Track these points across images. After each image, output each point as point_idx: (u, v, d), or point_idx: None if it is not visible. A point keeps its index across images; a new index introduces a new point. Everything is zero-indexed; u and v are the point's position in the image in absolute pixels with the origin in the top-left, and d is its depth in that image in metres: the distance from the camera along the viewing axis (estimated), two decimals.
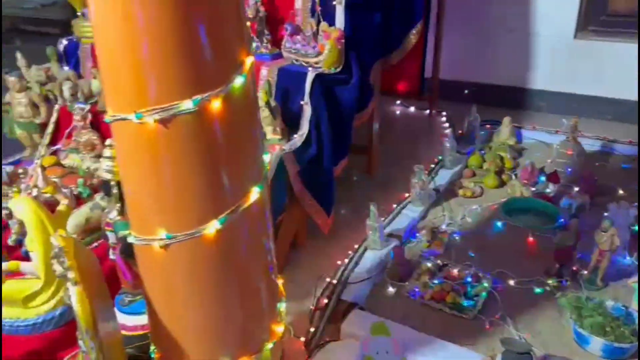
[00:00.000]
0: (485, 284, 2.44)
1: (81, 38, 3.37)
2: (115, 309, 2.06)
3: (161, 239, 1.46)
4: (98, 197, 2.39)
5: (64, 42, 3.46)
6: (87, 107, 2.99)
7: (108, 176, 1.77)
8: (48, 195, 2.48)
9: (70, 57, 3.45)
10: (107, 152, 1.78)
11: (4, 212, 2.30)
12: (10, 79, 3.00)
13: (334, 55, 2.64)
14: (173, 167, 1.40)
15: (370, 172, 3.59)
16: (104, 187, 1.80)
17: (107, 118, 1.41)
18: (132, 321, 1.95)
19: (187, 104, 1.32)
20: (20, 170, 2.84)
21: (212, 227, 1.46)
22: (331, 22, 2.72)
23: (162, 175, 1.41)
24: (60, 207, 1.97)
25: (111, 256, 2.03)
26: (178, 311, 1.60)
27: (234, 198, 1.49)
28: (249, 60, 1.43)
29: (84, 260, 1.50)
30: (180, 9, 1.26)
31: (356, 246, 2.75)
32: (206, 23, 1.31)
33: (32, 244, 1.84)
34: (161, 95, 1.31)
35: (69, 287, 1.43)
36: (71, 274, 1.42)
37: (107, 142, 1.77)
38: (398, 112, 4.63)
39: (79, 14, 3.39)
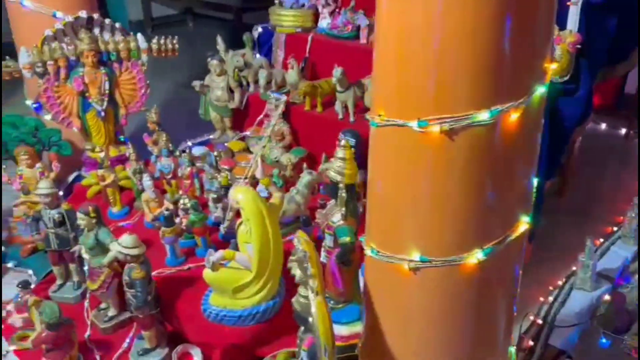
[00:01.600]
0: None
1: (276, 26, 3.38)
2: None
3: (412, 261, 1.30)
4: (294, 191, 2.33)
5: (259, 29, 3.50)
6: (283, 97, 2.97)
7: (337, 178, 1.66)
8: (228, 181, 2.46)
9: (263, 44, 3.48)
10: (340, 153, 1.67)
11: (211, 195, 2.30)
12: (213, 62, 3.08)
13: (564, 62, 2.32)
14: (446, 183, 1.22)
15: (562, 195, 3.19)
16: (330, 188, 1.70)
17: (374, 121, 1.27)
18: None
19: (484, 115, 1.12)
20: (215, 153, 2.89)
21: (474, 257, 1.26)
22: (561, 25, 2.39)
23: (429, 191, 1.24)
24: (273, 200, 1.92)
25: (323, 259, 1.94)
26: (408, 336, 1.44)
27: (503, 227, 1.28)
28: (552, 67, 1.20)
29: (319, 267, 1.39)
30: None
31: (560, 282, 2.41)
32: (516, 17, 1.10)
33: (248, 236, 1.80)
34: (453, 103, 1.14)
35: (309, 296, 1.33)
36: (314, 283, 1.31)
37: (342, 142, 1.66)
38: (586, 127, 4.11)
39: (276, 1, 3.39)
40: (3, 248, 2.76)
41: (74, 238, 2.32)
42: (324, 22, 3.27)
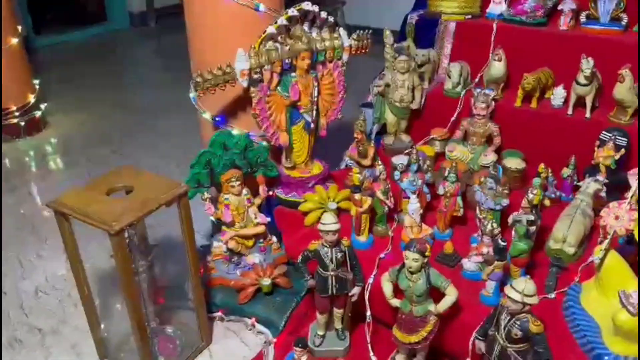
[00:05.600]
0: None
1: (441, 14, 3.03)
2: None
3: None
4: (572, 210, 2.03)
5: (415, 17, 3.13)
6: (493, 93, 2.64)
7: None
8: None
9: (421, 34, 3.13)
10: None
11: (524, 218, 1.92)
12: (401, 58, 2.68)
13: None
14: None
15: None
16: None
17: None
18: None
19: None
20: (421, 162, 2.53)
21: None
22: None
23: None
24: None
25: None
26: None
27: None
28: None
29: None
30: None
31: None
32: None
33: None
34: None
35: None
36: None
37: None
38: None
39: None
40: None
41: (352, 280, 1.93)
42: (499, 8, 2.96)
